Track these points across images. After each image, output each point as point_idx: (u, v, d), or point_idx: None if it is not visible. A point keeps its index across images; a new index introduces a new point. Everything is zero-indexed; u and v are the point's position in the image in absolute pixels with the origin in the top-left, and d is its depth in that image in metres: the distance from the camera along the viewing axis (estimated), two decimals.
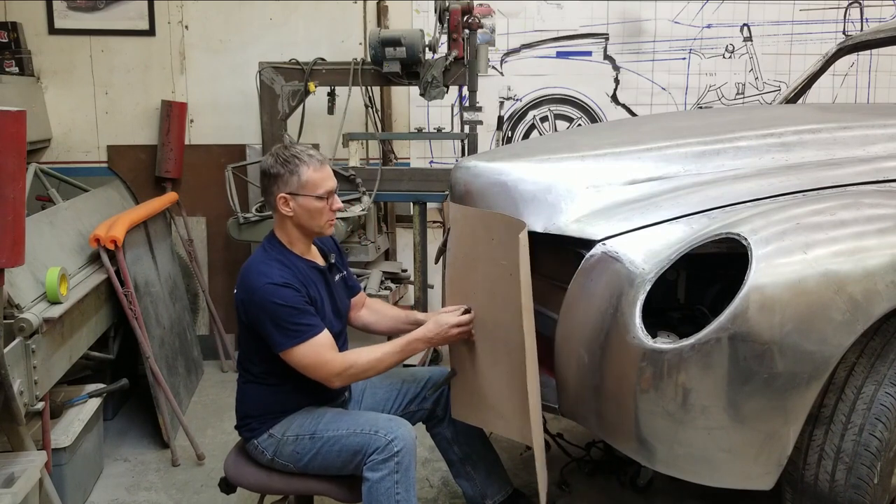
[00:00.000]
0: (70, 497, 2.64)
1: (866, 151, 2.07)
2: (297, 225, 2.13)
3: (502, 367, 2.18)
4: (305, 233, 2.16)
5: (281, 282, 2.03)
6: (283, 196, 2.08)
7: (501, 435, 2.31)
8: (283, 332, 2.03)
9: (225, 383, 4.02)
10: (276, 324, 2.02)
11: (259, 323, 2.06)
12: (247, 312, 2.09)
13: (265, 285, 2.03)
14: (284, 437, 2.14)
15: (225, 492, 2.30)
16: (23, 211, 2.04)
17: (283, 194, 2.08)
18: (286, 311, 2.02)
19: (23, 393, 2.29)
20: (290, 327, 2.02)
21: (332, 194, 2.12)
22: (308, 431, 2.13)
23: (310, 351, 2.04)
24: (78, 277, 2.95)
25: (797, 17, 4.59)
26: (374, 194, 3.74)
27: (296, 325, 2.03)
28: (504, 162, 2.33)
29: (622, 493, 2.81)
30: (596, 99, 4.57)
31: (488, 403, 2.25)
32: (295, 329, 2.02)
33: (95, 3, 4.20)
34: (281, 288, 2.02)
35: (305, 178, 2.07)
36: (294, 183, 2.07)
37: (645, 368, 1.79)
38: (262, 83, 3.83)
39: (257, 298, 2.04)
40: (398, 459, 2.04)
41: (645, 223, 1.94)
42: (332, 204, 2.12)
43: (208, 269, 4.44)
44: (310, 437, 2.13)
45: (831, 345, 1.70)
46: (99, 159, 4.33)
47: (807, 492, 1.88)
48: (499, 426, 2.25)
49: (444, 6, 3.59)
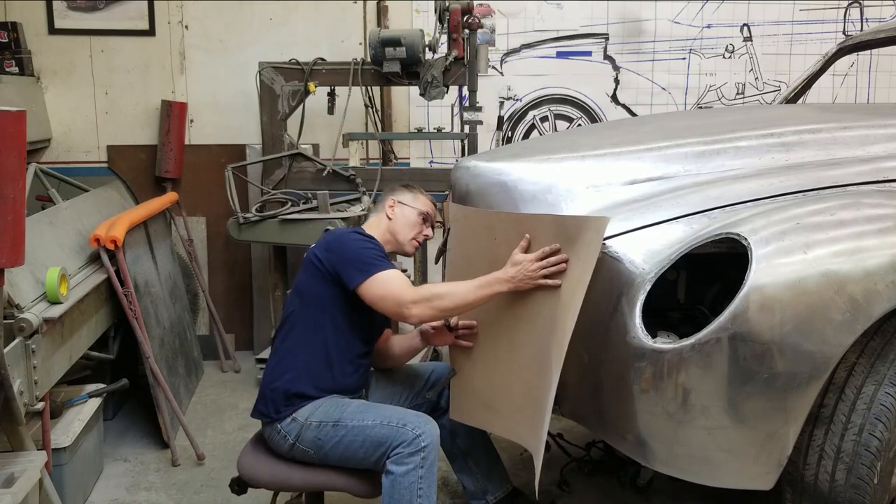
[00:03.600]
0: (70, 497, 2.64)
1: (866, 151, 2.07)
2: (391, 230, 2.38)
3: (504, 367, 2.18)
4: (393, 242, 2.40)
5: (368, 236, 2.30)
6: (393, 200, 2.41)
7: (500, 436, 2.30)
8: (361, 265, 2.16)
9: (225, 383, 4.03)
10: (357, 258, 2.17)
11: (338, 261, 2.18)
12: (325, 257, 2.21)
13: (353, 233, 2.30)
14: (308, 422, 2.15)
15: (236, 492, 2.29)
16: (23, 211, 2.03)
17: (394, 199, 2.40)
18: (369, 252, 2.20)
19: (23, 393, 2.28)
20: (368, 261, 2.17)
21: (429, 221, 2.42)
22: (332, 418, 2.14)
23: (386, 278, 2.13)
24: (78, 277, 2.95)
25: (797, 17, 4.59)
26: (374, 194, 3.74)
27: (373, 261, 2.17)
28: (504, 162, 2.33)
29: (622, 493, 2.81)
30: (596, 99, 4.58)
31: (487, 404, 2.25)
32: (372, 263, 2.17)
33: (95, 3, 4.20)
34: (367, 239, 2.27)
35: (417, 198, 2.43)
36: (408, 197, 2.42)
37: (645, 368, 1.80)
38: (262, 83, 3.83)
39: (344, 239, 2.25)
40: (424, 455, 2.05)
41: (645, 223, 1.94)
42: (424, 228, 2.41)
43: (208, 269, 4.44)
44: (333, 425, 2.13)
45: (831, 345, 1.70)
46: (99, 159, 4.33)
47: (807, 492, 1.88)
48: (497, 426, 2.25)
49: (444, 6, 3.59)
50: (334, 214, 3.61)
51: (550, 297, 2.00)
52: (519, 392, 2.12)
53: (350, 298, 2.21)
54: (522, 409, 2.12)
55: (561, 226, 2.00)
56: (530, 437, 2.11)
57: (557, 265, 1.97)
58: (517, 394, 2.13)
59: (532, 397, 2.06)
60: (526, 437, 2.13)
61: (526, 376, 2.08)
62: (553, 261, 1.97)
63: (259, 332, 4.44)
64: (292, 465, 2.20)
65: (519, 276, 2.01)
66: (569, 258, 1.96)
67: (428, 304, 2.09)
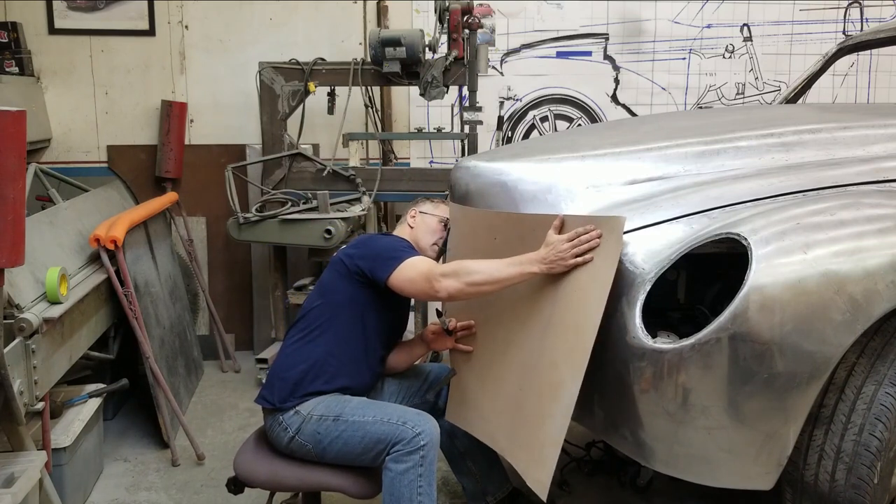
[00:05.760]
0: (70, 497, 2.64)
1: (866, 151, 2.07)
2: (413, 238, 2.46)
3: (499, 371, 2.17)
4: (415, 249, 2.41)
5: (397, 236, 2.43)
6: (415, 210, 2.53)
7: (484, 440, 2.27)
8: (391, 255, 2.21)
9: (225, 383, 4.03)
10: (388, 248, 2.24)
11: (369, 256, 2.24)
12: (355, 254, 2.27)
13: (383, 234, 2.51)
14: (309, 415, 2.15)
15: (233, 492, 2.29)
16: (23, 211, 2.03)
17: (416, 210, 2.53)
18: (398, 244, 2.29)
19: (23, 393, 2.28)
20: (399, 249, 2.24)
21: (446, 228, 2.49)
22: (333, 413, 2.15)
23: (415, 261, 2.19)
24: (78, 277, 2.95)
25: (797, 17, 4.59)
26: (374, 194, 3.75)
27: (403, 250, 2.24)
28: (504, 162, 2.33)
29: (622, 493, 2.81)
30: (596, 99, 4.58)
31: (478, 408, 2.24)
32: (403, 251, 2.23)
33: (95, 3, 4.20)
34: (398, 238, 2.39)
35: (438, 206, 2.54)
36: (429, 207, 2.53)
37: (645, 368, 1.79)
38: (262, 83, 3.83)
39: (374, 237, 2.40)
40: (423, 453, 2.05)
41: (645, 223, 1.94)
42: (441, 234, 2.48)
43: (208, 269, 4.44)
44: (334, 419, 2.13)
45: (831, 345, 1.69)
46: (99, 159, 4.33)
47: (807, 492, 1.88)
48: (479, 431, 2.24)
49: (444, 6, 3.59)
50: (334, 214, 3.61)
51: (550, 301, 1.99)
52: (507, 397, 2.11)
53: (376, 301, 2.24)
54: (503, 413, 2.11)
55: (571, 227, 1.97)
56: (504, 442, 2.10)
57: (589, 243, 1.91)
58: (504, 398, 2.12)
59: (519, 403, 2.04)
60: (500, 441, 2.12)
61: (516, 379, 2.07)
62: (585, 238, 1.92)
63: (259, 332, 4.44)
64: (288, 464, 2.20)
65: (551, 257, 1.96)
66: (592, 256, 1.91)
67: (458, 278, 2.07)
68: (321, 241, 3.58)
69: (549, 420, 1.91)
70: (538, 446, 1.94)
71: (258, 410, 2.38)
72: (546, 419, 1.92)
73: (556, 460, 1.88)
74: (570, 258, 1.93)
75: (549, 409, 1.92)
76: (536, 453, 1.94)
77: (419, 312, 3.83)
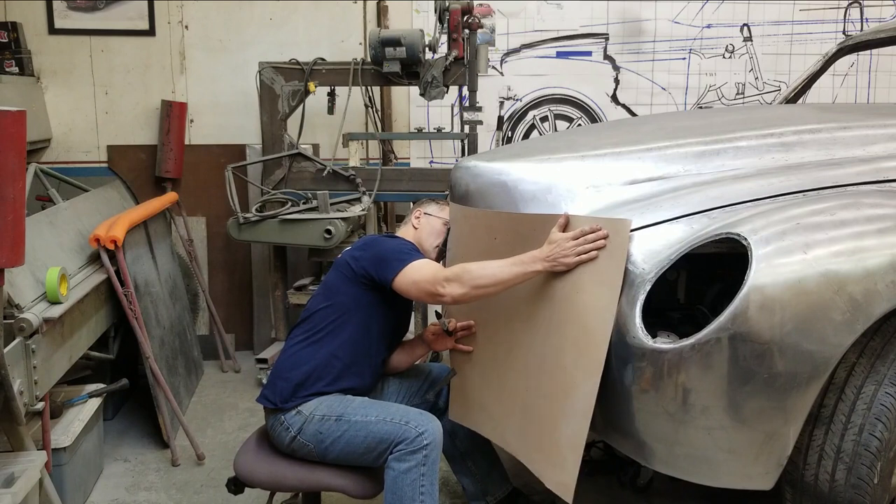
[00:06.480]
0: (70, 497, 2.64)
1: (866, 151, 2.07)
2: (417, 239, 2.45)
3: (501, 369, 2.17)
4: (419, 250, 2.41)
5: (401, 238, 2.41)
6: (419, 211, 2.52)
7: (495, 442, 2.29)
8: (396, 258, 2.21)
9: (225, 383, 4.03)
10: (393, 251, 2.24)
11: (374, 257, 2.24)
12: (361, 256, 2.27)
13: (387, 235, 2.50)
14: (311, 415, 2.15)
15: (233, 492, 2.29)
16: (23, 211, 2.03)
17: (421, 210, 2.52)
18: (403, 246, 2.29)
19: (23, 393, 2.28)
20: (404, 252, 2.24)
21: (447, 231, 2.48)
22: (335, 413, 2.15)
23: (419, 264, 2.19)
24: (78, 277, 2.95)
25: (797, 17, 4.59)
26: (374, 194, 3.75)
27: (409, 253, 2.25)
28: (504, 162, 2.33)
29: (622, 493, 2.81)
30: (596, 99, 4.58)
31: (483, 406, 2.24)
32: (408, 254, 2.24)
33: (95, 3, 4.20)
34: (403, 240, 2.37)
35: (443, 209, 2.54)
36: (434, 208, 2.53)
37: (645, 368, 1.79)
38: (262, 83, 3.83)
39: (379, 238, 2.36)
40: (426, 453, 2.05)
41: (645, 223, 1.94)
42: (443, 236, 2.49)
43: (208, 269, 4.44)
44: (336, 419, 2.13)
45: (831, 345, 1.69)
46: (99, 159, 4.33)
47: (807, 492, 1.88)
48: (487, 430, 2.24)
49: (444, 6, 3.59)
50: (334, 214, 3.61)
51: (553, 302, 1.99)
52: (512, 397, 2.11)
53: (382, 304, 2.25)
54: (511, 413, 2.11)
55: (576, 227, 1.96)
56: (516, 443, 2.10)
57: (595, 243, 1.90)
58: (510, 398, 2.13)
59: (527, 404, 2.05)
60: (512, 443, 2.12)
61: (521, 380, 2.08)
62: (590, 237, 1.91)
63: (259, 332, 4.45)
64: (289, 464, 2.20)
65: (554, 254, 1.95)
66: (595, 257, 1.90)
67: (461, 281, 2.07)
68: (321, 241, 3.58)
69: (564, 422, 1.91)
70: (556, 448, 1.94)
71: (258, 410, 2.39)
72: (559, 421, 1.93)
73: (578, 463, 1.88)
74: (573, 256, 1.92)
75: (561, 411, 1.92)
76: (555, 455, 1.94)
77: (419, 313, 3.83)
